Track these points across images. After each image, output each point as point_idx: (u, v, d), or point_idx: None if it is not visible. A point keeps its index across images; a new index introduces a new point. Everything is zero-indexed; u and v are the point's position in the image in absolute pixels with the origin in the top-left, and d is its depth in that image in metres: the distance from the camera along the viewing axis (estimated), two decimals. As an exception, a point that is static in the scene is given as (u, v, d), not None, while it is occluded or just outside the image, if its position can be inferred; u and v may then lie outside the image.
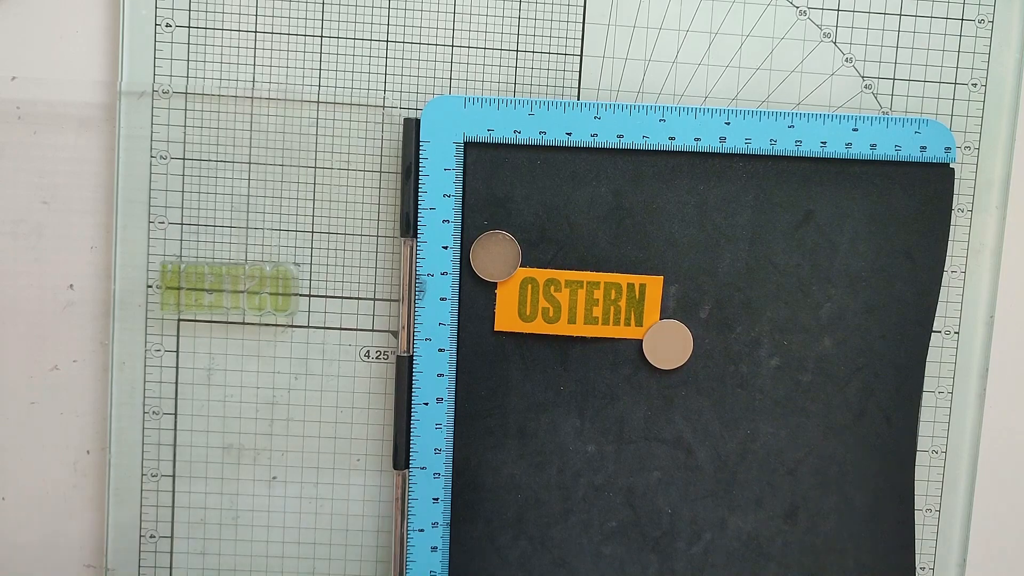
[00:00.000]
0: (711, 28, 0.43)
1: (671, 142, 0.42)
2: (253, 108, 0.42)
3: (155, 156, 0.42)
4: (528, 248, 0.42)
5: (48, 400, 0.43)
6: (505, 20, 0.42)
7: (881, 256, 0.43)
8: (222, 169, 0.42)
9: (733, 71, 0.43)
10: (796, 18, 0.43)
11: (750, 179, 0.42)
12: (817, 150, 0.42)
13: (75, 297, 0.43)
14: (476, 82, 0.43)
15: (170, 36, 0.42)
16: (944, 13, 0.43)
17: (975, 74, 0.44)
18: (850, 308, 0.43)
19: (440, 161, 0.41)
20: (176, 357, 0.43)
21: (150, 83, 0.42)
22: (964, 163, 0.44)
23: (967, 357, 0.45)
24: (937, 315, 0.44)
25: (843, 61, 0.43)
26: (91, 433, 0.43)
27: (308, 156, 0.43)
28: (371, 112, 0.43)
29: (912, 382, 0.44)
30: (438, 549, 0.43)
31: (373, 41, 0.42)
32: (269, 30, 0.42)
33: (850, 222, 0.43)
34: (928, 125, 0.42)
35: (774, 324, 0.43)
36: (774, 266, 0.43)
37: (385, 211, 0.43)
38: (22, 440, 0.43)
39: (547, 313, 0.42)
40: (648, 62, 0.43)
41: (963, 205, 0.44)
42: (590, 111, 0.41)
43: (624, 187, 0.42)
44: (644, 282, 0.42)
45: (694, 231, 0.42)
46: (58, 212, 0.42)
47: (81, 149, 0.42)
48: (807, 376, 0.43)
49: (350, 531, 0.44)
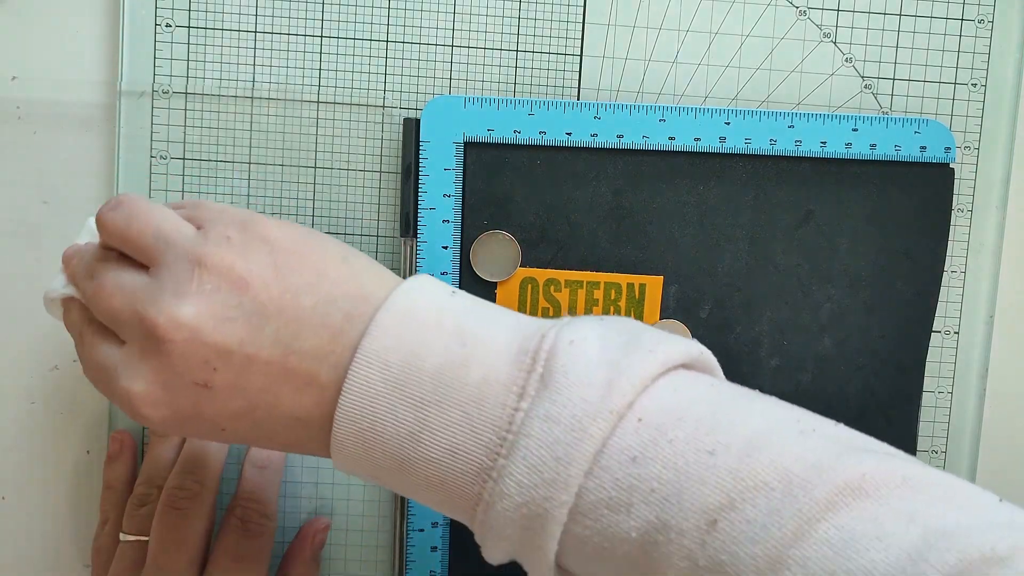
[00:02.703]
0: (711, 28, 0.43)
1: (671, 142, 0.42)
2: (253, 108, 0.42)
3: (155, 156, 0.42)
4: (528, 248, 0.42)
5: (48, 400, 0.43)
6: (505, 20, 0.42)
7: (881, 256, 0.43)
8: (222, 169, 0.42)
9: (733, 71, 0.43)
10: (796, 18, 0.43)
11: (750, 179, 0.42)
12: (817, 150, 0.42)
13: (75, 297, 0.43)
14: (476, 82, 0.43)
15: (170, 36, 0.42)
16: (944, 13, 0.43)
17: (975, 74, 0.44)
18: (850, 308, 0.43)
19: (440, 161, 0.41)
20: (176, 357, 0.43)
21: (150, 83, 0.42)
22: (964, 163, 0.44)
23: (967, 357, 0.45)
24: (937, 315, 0.44)
25: (843, 61, 0.43)
26: (91, 433, 0.43)
27: (308, 156, 0.43)
28: (371, 112, 0.43)
29: (912, 382, 0.44)
30: (438, 549, 0.43)
31: (373, 41, 0.42)
32: (269, 30, 0.42)
33: (850, 222, 0.43)
34: (928, 125, 0.42)
35: (774, 324, 0.43)
36: (774, 266, 0.43)
37: (385, 211, 0.43)
38: (22, 440, 0.43)
39: (547, 313, 0.42)
40: (648, 62, 0.43)
41: (963, 205, 0.44)
42: (590, 111, 0.41)
43: (624, 187, 0.42)
44: (644, 282, 0.42)
45: (694, 231, 0.42)
46: (58, 212, 0.42)
47: (81, 149, 0.42)
48: (807, 376, 0.43)
49: (350, 531, 0.44)
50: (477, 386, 0.27)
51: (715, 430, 0.26)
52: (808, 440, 0.26)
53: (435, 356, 0.28)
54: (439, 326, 0.28)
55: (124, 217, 0.31)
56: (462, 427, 0.27)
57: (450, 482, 0.28)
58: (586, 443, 0.26)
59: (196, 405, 0.29)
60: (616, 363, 0.27)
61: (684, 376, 0.28)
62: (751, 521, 0.24)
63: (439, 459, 0.28)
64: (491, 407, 0.27)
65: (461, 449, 0.27)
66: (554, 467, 0.26)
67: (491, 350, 0.28)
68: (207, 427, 0.30)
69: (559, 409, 0.26)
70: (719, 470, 0.25)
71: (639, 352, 0.27)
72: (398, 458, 0.28)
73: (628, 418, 0.26)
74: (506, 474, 0.27)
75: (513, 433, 0.27)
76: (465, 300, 0.30)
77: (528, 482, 0.26)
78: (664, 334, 0.29)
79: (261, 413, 0.29)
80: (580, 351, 0.27)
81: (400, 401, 0.28)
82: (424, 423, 0.27)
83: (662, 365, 0.27)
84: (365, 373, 0.28)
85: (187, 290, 0.28)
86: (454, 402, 0.27)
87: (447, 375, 0.28)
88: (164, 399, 0.29)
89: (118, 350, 0.30)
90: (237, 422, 0.29)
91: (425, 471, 0.28)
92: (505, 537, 0.27)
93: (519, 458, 0.26)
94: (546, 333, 0.28)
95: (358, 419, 0.28)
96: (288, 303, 0.29)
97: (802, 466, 0.25)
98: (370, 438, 0.28)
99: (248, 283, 0.29)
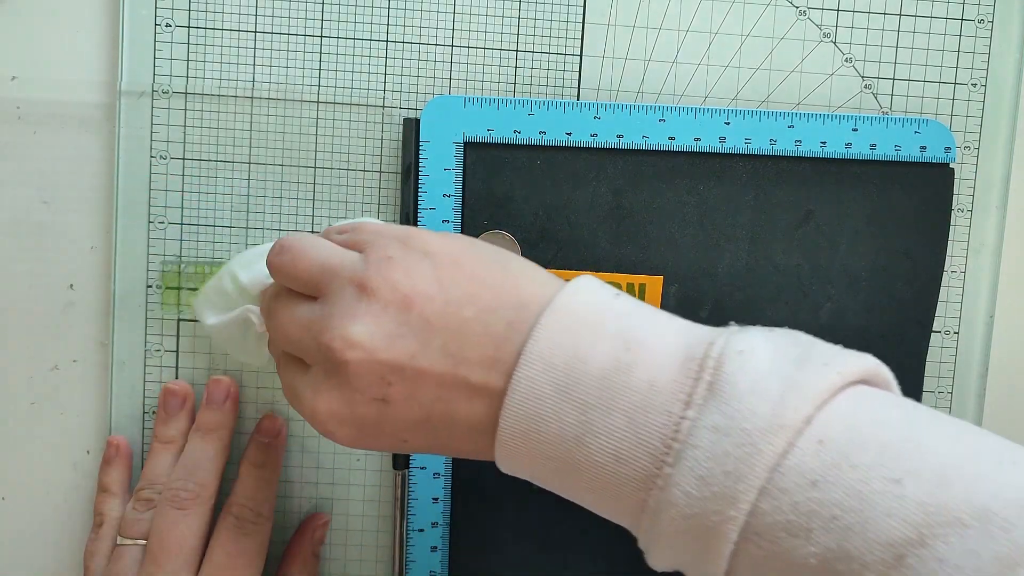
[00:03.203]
0: (711, 28, 0.43)
1: (671, 142, 0.42)
2: (253, 108, 0.42)
3: (155, 156, 0.42)
4: (528, 248, 0.42)
5: (48, 400, 0.43)
6: (505, 20, 0.42)
7: (881, 256, 0.43)
8: (222, 169, 0.42)
9: (733, 71, 0.43)
10: (796, 18, 0.43)
11: (750, 179, 0.42)
12: (817, 150, 0.42)
13: (75, 297, 0.43)
14: (476, 82, 0.43)
15: (170, 36, 0.42)
16: (944, 13, 0.43)
17: (975, 74, 0.44)
18: (850, 308, 0.43)
19: (440, 161, 0.41)
20: (176, 357, 0.43)
21: (150, 83, 0.42)
22: (964, 163, 0.44)
23: (967, 357, 0.45)
24: (937, 315, 0.44)
25: (843, 61, 0.43)
26: (91, 433, 0.43)
27: (308, 156, 0.43)
28: (371, 112, 0.43)
29: (912, 382, 0.44)
30: (438, 549, 0.43)
31: (373, 41, 0.42)
32: (269, 30, 0.42)
33: (850, 222, 0.43)
34: (928, 125, 0.42)
35: (774, 324, 0.43)
36: (774, 266, 0.43)
37: (385, 211, 0.43)
38: (22, 440, 0.43)
39: (547, 313, 0.42)
40: (648, 62, 0.43)
41: (963, 205, 0.44)
42: (590, 111, 0.41)
43: (624, 187, 0.42)
44: (644, 282, 0.42)
45: (694, 231, 0.42)
46: (58, 212, 0.42)
47: (81, 149, 0.42)
48: (807, 376, 0.43)
49: (350, 531, 0.44)
50: (642, 392, 0.27)
51: (903, 456, 0.25)
52: (1008, 473, 0.24)
53: (599, 359, 0.28)
54: (603, 329, 0.28)
55: (290, 259, 0.32)
56: (627, 433, 0.27)
57: (614, 487, 0.28)
58: (757, 459, 0.25)
59: (377, 419, 0.30)
60: (789, 376, 0.26)
61: (865, 394, 0.27)
62: (943, 560, 0.23)
63: (603, 464, 0.27)
64: (656, 414, 0.27)
65: (626, 455, 0.27)
66: (723, 481, 0.25)
67: (657, 355, 0.28)
68: (389, 439, 0.31)
69: (728, 421, 0.26)
70: (907, 501, 0.24)
71: (812, 365, 0.27)
72: (562, 460, 0.28)
73: (807, 438, 0.26)
74: (672, 483, 0.26)
75: (680, 442, 0.26)
76: (629, 302, 0.30)
77: (697, 494, 0.26)
78: (838, 348, 0.28)
79: (437, 422, 0.30)
80: (750, 361, 0.27)
81: (565, 403, 0.28)
82: (589, 426, 0.27)
83: (839, 380, 0.27)
84: (530, 374, 0.28)
85: (356, 312, 0.29)
86: (619, 407, 0.27)
87: (612, 379, 0.27)
88: (347, 416, 0.30)
89: (305, 375, 0.31)
90: (416, 432, 0.30)
91: (589, 475, 0.28)
92: (672, 547, 0.27)
93: (686, 468, 0.26)
94: (714, 341, 0.28)
95: (523, 419, 0.28)
96: (452, 315, 0.29)
97: (1002, 504, 0.23)
98: (535, 439, 0.28)
99: (412, 300, 0.29)
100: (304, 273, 0.32)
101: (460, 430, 0.30)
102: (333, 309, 0.30)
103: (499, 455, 0.29)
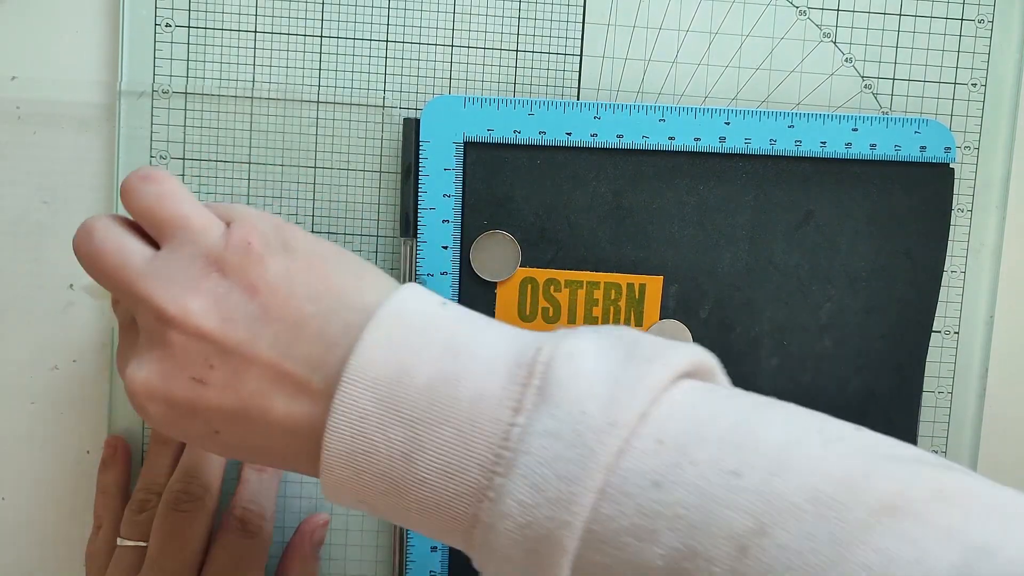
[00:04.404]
0: (711, 28, 0.43)
1: (671, 142, 0.42)
2: (253, 108, 0.42)
3: (155, 156, 0.42)
4: (528, 248, 0.42)
5: (48, 400, 0.43)
6: (505, 20, 0.42)
7: (881, 256, 0.43)
8: (222, 169, 0.42)
9: (733, 71, 0.43)
10: (796, 18, 0.43)
11: (750, 179, 0.42)
12: (817, 150, 0.42)
13: (75, 297, 0.43)
14: (476, 82, 0.43)
15: (170, 36, 0.42)
16: (944, 13, 0.43)
17: (975, 74, 0.44)
18: (850, 308, 0.43)
19: (440, 161, 0.41)
20: (176, 357, 0.43)
21: (150, 83, 0.42)
22: (964, 163, 0.44)
23: (967, 357, 0.45)
24: (937, 315, 0.44)
25: (843, 61, 0.43)
26: (91, 433, 0.43)
27: (308, 156, 0.43)
28: (371, 112, 0.43)
29: (912, 382, 0.44)
30: (438, 549, 0.43)
31: (373, 41, 0.42)
32: (269, 30, 0.42)
33: (850, 222, 0.43)
34: (928, 125, 0.42)
35: (774, 324, 0.43)
36: (774, 266, 0.43)
37: (385, 211, 0.43)
38: (22, 440, 0.43)
39: (547, 313, 0.42)
40: (648, 62, 0.43)
41: (963, 205, 0.44)
42: (590, 111, 0.41)
43: (624, 187, 0.42)
44: (644, 282, 0.42)
45: (694, 231, 0.42)
46: (58, 212, 0.42)
47: (81, 149, 0.42)
48: (807, 376, 0.43)
49: (350, 531, 0.44)
50: (470, 401, 0.26)
51: (739, 448, 0.25)
52: (834, 452, 0.25)
53: (426, 371, 0.27)
54: (429, 339, 0.27)
55: (155, 192, 0.30)
56: (456, 445, 0.26)
57: (445, 504, 0.27)
58: (591, 460, 0.25)
59: (191, 401, 0.29)
60: (614, 375, 0.26)
61: (697, 389, 0.27)
62: (784, 547, 0.23)
63: (433, 480, 0.26)
64: (485, 423, 0.26)
65: (456, 468, 0.26)
66: (557, 485, 0.25)
67: (484, 363, 0.27)
68: (201, 427, 0.29)
69: (560, 425, 0.25)
70: (746, 492, 0.24)
71: (636, 362, 0.26)
72: (390, 480, 0.27)
73: (645, 438, 0.25)
74: (505, 493, 0.25)
75: (511, 450, 0.26)
76: (457, 311, 0.29)
77: (531, 501, 0.25)
78: (662, 342, 0.28)
79: (254, 416, 0.29)
80: (579, 363, 0.26)
81: (391, 419, 0.26)
82: (416, 442, 0.26)
83: (665, 373, 0.26)
84: (353, 390, 0.27)
85: (199, 285, 0.29)
86: (447, 419, 0.26)
87: (439, 391, 0.26)
88: (162, 393, 0.29)
89: (134, 345, 0.30)
90: (230, 424, 0.29)
91: (419, 493, 0.27)
92: (509, 560, 0.26)
93: (519, 476, 0.25)
94: (542, 345, 0.27)
95: (347, 439, 0.27)
96: (292, 309, 0.29)
97: (831, 484, 0.24)
98: (361, 460, 0.27)
99: (258, 288, 0.29)
100: (164, 212, 0.30)
101: (277, 431, 0.28)
102: (176, 272, 0.29)
103: (324, 480, 0.28)
